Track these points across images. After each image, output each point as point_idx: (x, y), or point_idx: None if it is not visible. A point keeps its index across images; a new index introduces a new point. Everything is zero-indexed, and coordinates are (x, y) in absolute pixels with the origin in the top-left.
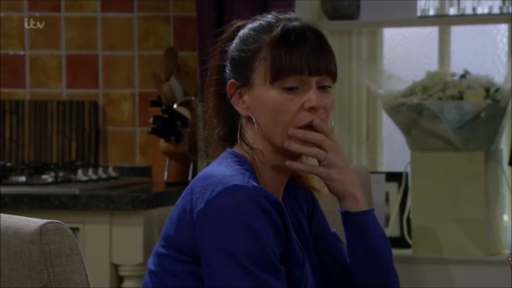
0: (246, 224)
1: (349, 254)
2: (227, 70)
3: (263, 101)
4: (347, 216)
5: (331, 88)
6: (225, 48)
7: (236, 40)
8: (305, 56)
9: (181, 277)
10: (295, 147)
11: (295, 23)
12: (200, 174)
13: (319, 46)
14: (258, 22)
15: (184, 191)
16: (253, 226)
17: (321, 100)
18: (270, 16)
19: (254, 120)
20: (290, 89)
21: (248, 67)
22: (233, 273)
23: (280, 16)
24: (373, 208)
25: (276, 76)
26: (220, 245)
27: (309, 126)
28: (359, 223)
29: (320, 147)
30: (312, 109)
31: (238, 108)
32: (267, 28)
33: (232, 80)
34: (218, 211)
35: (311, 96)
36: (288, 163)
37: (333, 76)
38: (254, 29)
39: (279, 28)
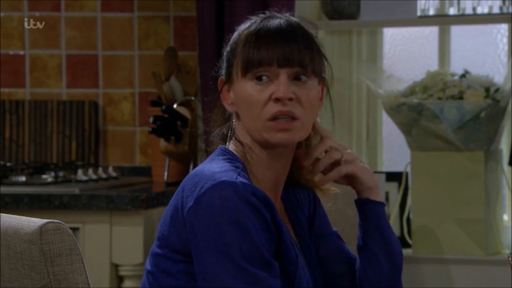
0: (235, 220)
1: (364, 246)
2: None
3: (239, 95)
4: (370, 204)
5: (311, 81)
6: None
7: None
8: (273, 48)
9: (177, 277)
10: (328, 178)
11: (275, 20)
12: (191, 172)
13: (295, 39)
14: (248, 21)
15: (177, 190)
16: (242, 222)
17: (291, 92)
18: (261, 15)
19: (239, 115)
20: (260, 81)
21: (229, 63)
22: (225, 270)
23: (267, 14)
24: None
25: (246, 68)
26: (211, 242)
27: (275, 118)
28: (379, 212)
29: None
30: (279, 100)
31: (225, 104)
32: (249, 25)
33: (220, 77)
34: (207, 208)
35: (278, 87)
36: (321, 181)
37: (309, 69)
38: (240, 27)
39: (256, 24)
